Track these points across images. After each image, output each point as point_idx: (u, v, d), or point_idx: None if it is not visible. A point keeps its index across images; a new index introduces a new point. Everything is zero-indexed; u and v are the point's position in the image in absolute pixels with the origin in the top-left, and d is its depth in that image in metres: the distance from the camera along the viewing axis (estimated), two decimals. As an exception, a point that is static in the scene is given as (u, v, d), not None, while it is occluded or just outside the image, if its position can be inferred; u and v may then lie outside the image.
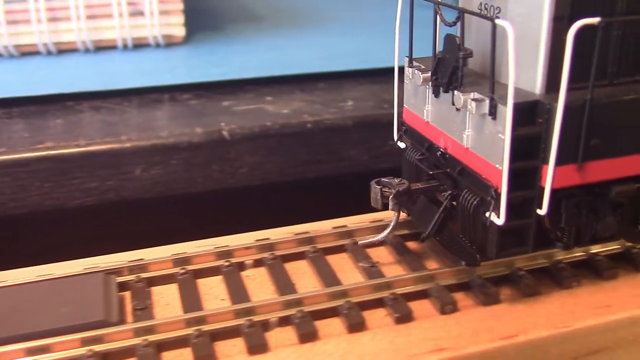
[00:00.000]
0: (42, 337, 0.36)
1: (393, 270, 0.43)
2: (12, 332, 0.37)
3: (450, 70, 0.38)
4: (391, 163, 0.59)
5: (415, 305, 0.39)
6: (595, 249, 0.43)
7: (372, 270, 0.42)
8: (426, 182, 0.42)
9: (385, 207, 0.41)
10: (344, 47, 0.76)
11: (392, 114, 0.58)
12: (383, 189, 0.41)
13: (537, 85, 0.37)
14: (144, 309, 0.39)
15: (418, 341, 0.37)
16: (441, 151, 0.41)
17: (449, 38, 0.38)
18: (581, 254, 0.43)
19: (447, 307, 0.39)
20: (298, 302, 0.39)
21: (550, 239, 0.40)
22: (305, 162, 0.57)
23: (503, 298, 0.40)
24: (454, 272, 0.41)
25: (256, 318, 0.38)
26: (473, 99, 0.36)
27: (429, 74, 0.40)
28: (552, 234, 0.39)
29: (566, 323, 0.38)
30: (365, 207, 0.50)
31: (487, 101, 0.36)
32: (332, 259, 0.44)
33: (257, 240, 0.45)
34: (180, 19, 0.79)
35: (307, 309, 0.38)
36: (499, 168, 0.36)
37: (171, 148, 0.54)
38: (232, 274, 0.42)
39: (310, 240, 0.45)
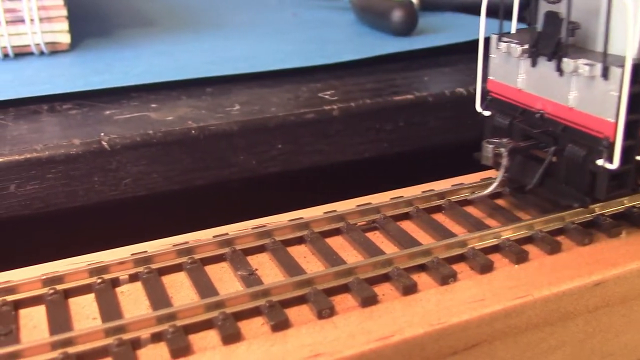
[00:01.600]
0: None
1: (273, 276, 0.42)
2: None
3: (554, 42, 0.44)
4: (280, 167, 0.59)
5: (293, 312, 0.39)
6: (472, 242, 0.44)
7: (251, 278, 0.42)
8: (526, 141, 0.47)
9: (496, 165, 0.47)
10: (234, 50, 0.75)
11: (278, 117, 0.58)
12: (495, 148, 0.46)
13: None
14: (7, 334, 0.37)
15: (294, 348, 0.37)
16: (540, 113, 0.47)
17: (550, 14, 0.45)
18: (459, 249, 0.44)
19: (325, 312, 0.39)
20: (171, 316, 0.38)
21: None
22: (191, 169, 0.56)
23: (381, 298, 0.40)
24: (333, 274, 0.41)
25: (126, 336, 0.36)
26: (585, 64, 0.42)
27: (527, 46, 0.47)
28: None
29: (441, 320, 0.39)
30: (250, 213, 0.50)
31: (599, 65, 0.42)
32: (211, 269, 0.43)
33: (133, 254, 0.43)
34: (64, 25, 0.76)
35: (180, 322, 0.37)
36: (611, 121, 0.42)
37: (47, 161, 0.52)
38: (105, 291, 0.41)
39: (189, 250, 0.44)
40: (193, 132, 0.55)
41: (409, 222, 0.48)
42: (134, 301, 0.41)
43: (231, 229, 0.47)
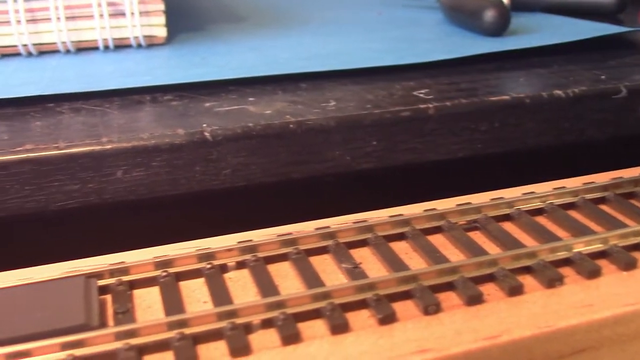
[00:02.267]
0: (22, 341, 0.36)
1: (376, 270, 0.43)
2: (-10, 337, 0.36)
3: None
4: (373, 164, 0.59)
5: (399, 306, 0.39)
6: (578, 247, 0.44)
7: (356, 271, 0.42)
8: None
9: None
10: (324, 47, 0.76)
11: (374, 114, 0.58)
12: None
13: None
14: (125, 313, 0.39)
15: (401, 342, 0.37)
16: None
17: None
18: (565, 253, 0.43)
19: (431, 308, 0.39)
20: (280, 304, 0.39)
21: None
22: (289, 163, 0.57)
23: (487, 298, 0.40)
24: (437, 272, 0.41)
25: (239, 320, 0.38)
26: None
27: None
28: None
29: (549, 323, 0.39)
30: (347, 208, 0.50)
31: None
32: (315, 260, 0.44)
33: (239, 242, 0.45)
34: (161, 19, 0.78)
35: (289, 310, 0.38)
36: None
37: (152, 150, 0.54)
38: (215, 276, 0.42)
39: (293, 241, 0.45)
40: (291, 126, 0.56)
41: (509, 224, 0.48)
42: (242, 287, 0.42)
43: (332, 222, 0.47)
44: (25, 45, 0.74)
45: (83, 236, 0.60)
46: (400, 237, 0.46)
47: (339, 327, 0.38)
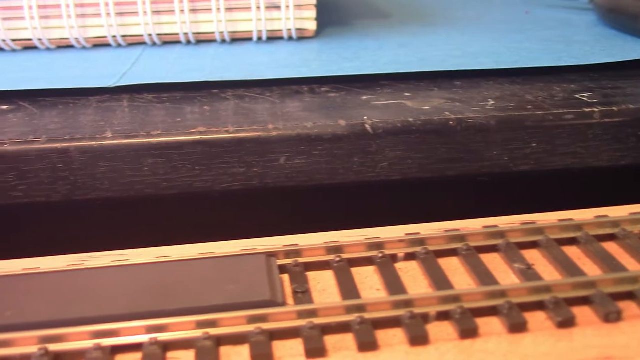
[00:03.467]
0: (210, 311, 0.38)
1: (549, 273, 0.42)
2: (181, 305, 0.38)
3: None
4: (531, 166, 0.58)
5: (577, 311, 0.39)
6: None
7: (529, 272, 0.42)
8: None
9: None
10: (473, 46, 0.75)
11: (536, 115, 0.57)
12: None
13: None
14: (304, 293, 0.40)
15: (582, 347, 0.36)
16: None
17: None
18: None
19: (612, 316, 0.38)
20: (456, 298, 0.39)
21: None
22: (445, 160, 0.57)
23: (669, 311, 0.39)
24: (617, 280, 0.40)
25: (416, 310, 0.38)
26: None
27: None
28: None
29: None
30: (511, 209, 0.50)
31: None
32: (485, 258, 0.43)
33: (407, 234, 0.45)
34: (312, 13, 0.80)
35: (466, 305, 0.38)
36: None
37: (315, 139, 0.56)
38: (386, 265, 0.43)
39: (462, 237, 0.45)
40: (451, 123, 0.56)
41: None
42: (413, 279, 0.42)
43: (499, 222, 0.47)
44: (186, 34, 0.78)
45: (244, 217, 0.63)
46: (571, 241, 0.45)
47: (517, 327, 0.37)
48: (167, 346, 0.37)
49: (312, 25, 0.81)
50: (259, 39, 0.80)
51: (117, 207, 0.60)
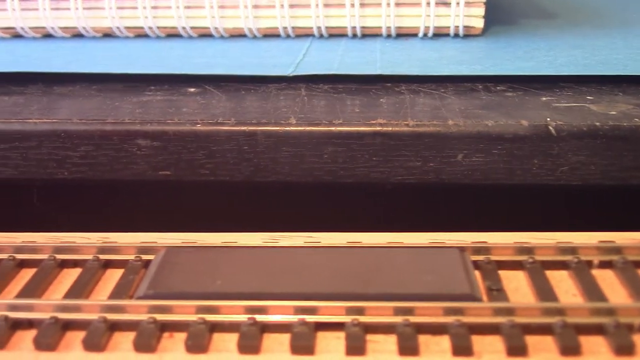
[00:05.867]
0: (409, 299, 0.38)
1: None
2: (380, 290, 0.39)
3: None
4: None
5: None
6: None
7: None
8: None
9: None
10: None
11: None
12: None
13: None
14: (499, 290, 0.40)
15: None
16: None
17: None
18: None
19: None
20: (664, 311, 0.37)
21: None
22: (630, 167, 0.55)
23: None
24: None
25: (621, 319, 0.37)
26: None
27: None
28: None
29: None
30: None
31: None
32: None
33: (600, 242, 0.44)
34: (481, 10, 0.79)
35: (676, 319, 0.37)
36: None
37: (496, 137, 0.55)
38: (582, 271, 0.42)
39: (662, 249, 0.43)
40: (642, 130, 0.54)
41: None
42: (610, 287, 0.41)
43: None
44: (353, 28, 0.80)
45: (416, 211, 0.63)
46: None
47: None
48: (367, 328, 0.38)
49: (479, 23, 0.80)
50: (425, 35, 0.80)
51: (294, 191, 0.62)
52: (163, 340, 0.38)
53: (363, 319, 0.38)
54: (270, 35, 0.82)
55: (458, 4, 0.78)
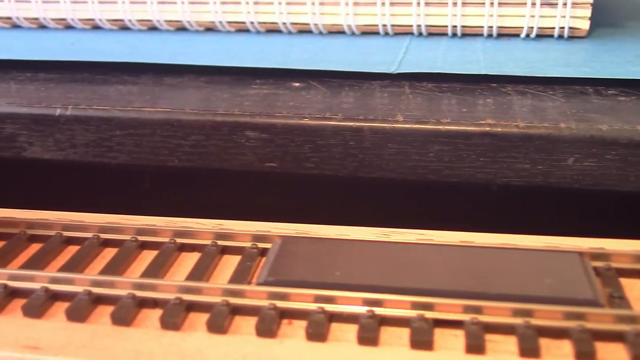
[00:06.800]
0: (529, 301, 0.38)
1: None
2: (499, 290, 0.39)
3: None
4: None
5: None
6: None
7: None
8: None
9: None
10: None
11: None
12: None
13: None
14: (620, 298, 0.39)
15: None
16: None
17: None
18: None
19: None
20: None
21: None
22: None
23: None
24: None
25: None
26: None
27: None
28: None
29: None
30: None
31: None
32: None
33: None
34: (587, 12, 0.77)
35: None
36: None
37: (610, 142, 0.54)
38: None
39: None
40: None
41: None
42: None
43: None
44: (454, 27, 0.79)
45: (519, 214, 0.62)
46: None
47: None
48: (487, 327, 0.38)
49: (585, 25, 0.78)
50: (527, 35, 0.79)
51: (398, 188, 0.62)
52: (282, 327, 0.39)
53: (482, 318, 0.38)
54: (369, 32, 0.83)
55: (565, 4, 0.76)
